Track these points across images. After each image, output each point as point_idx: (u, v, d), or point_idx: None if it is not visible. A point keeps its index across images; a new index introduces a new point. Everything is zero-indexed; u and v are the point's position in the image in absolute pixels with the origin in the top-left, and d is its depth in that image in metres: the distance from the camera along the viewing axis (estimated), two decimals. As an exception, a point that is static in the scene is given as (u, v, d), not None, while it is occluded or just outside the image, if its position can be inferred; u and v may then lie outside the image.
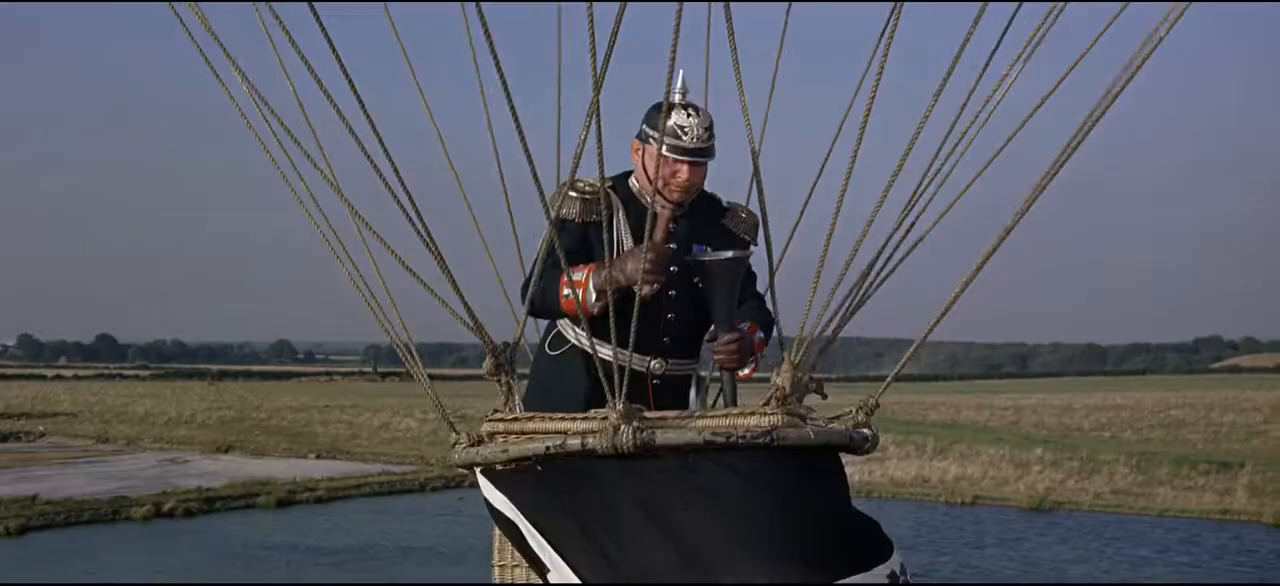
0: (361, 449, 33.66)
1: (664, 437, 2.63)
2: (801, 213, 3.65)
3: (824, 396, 2.98)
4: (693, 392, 3.62)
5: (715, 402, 3.81)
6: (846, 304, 2.82)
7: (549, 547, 2.77)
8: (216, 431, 38.43)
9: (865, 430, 2.84)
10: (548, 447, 2.70)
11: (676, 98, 3.36)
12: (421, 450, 32.58)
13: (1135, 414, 43.99)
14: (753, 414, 2.65)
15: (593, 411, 2.78)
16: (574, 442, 2.68)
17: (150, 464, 30.15)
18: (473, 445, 2.97)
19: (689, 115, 3.34)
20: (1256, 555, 19.19)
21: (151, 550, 19.15)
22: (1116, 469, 27.07)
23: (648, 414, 2.73)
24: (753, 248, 3.54)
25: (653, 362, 3.44)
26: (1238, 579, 17.60)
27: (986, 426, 39.75)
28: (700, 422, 2.65)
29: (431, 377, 3.36)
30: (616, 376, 2.68)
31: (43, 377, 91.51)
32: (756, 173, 3.48)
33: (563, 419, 2.79)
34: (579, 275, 3.24)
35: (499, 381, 3.02)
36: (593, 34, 2.36)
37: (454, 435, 3.04)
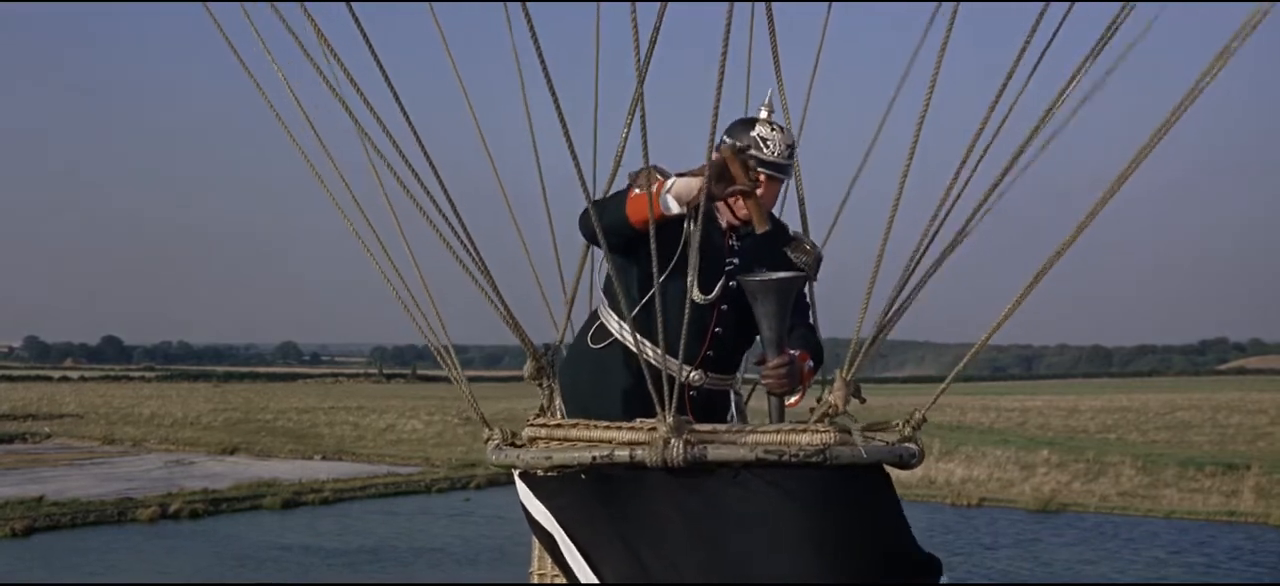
0: (367, 450, 33.67)
1: (716, 453, 2.57)
2: (837, 215, 3.65)
3: (862, 400, 2.95)
4: (733, 410, 3.50)
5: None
6: (893, 307, 2.81)
7: (582, 560, 2.71)
8: (222, 433, 38.47)
9: (912, 445, 2.81)
10: (594, 458, 2.63)
11: (763, 113, 3.33)
12: (427, 451, 32.57)
13: (1141, 415, 43.89)
14: (805, 431, 2.61)
15: (639, 421, 2.72)
16: (622, 454, 2.61)
17: (156, 465, 30.17)
18: (505, 445, 2.93)
19: (772, 129, 3.31)
20: (1272, 556, 19.13)
21: (157, 551, 19.16)
22: (1123, 470, 27.00)
23: (698, 427, 2.67)
24: (808, 275, 3.44)
25: (693, 373, 3.32)
26: (1253, 579, 17.54)
27: (992, 428, 39.70)
28: (752, 438, 2.59)
29: (436, 380, 3.34)
30: (666, 386, 2.63)
31: (49, 379, 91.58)
32: (797, 179, 3.45)
33: (608, 428, 2.70)
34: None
35: (540, 385, 2.95)
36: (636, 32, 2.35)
37: (487, 432, 3.00)
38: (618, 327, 3.32)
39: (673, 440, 2.57)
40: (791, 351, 3.14)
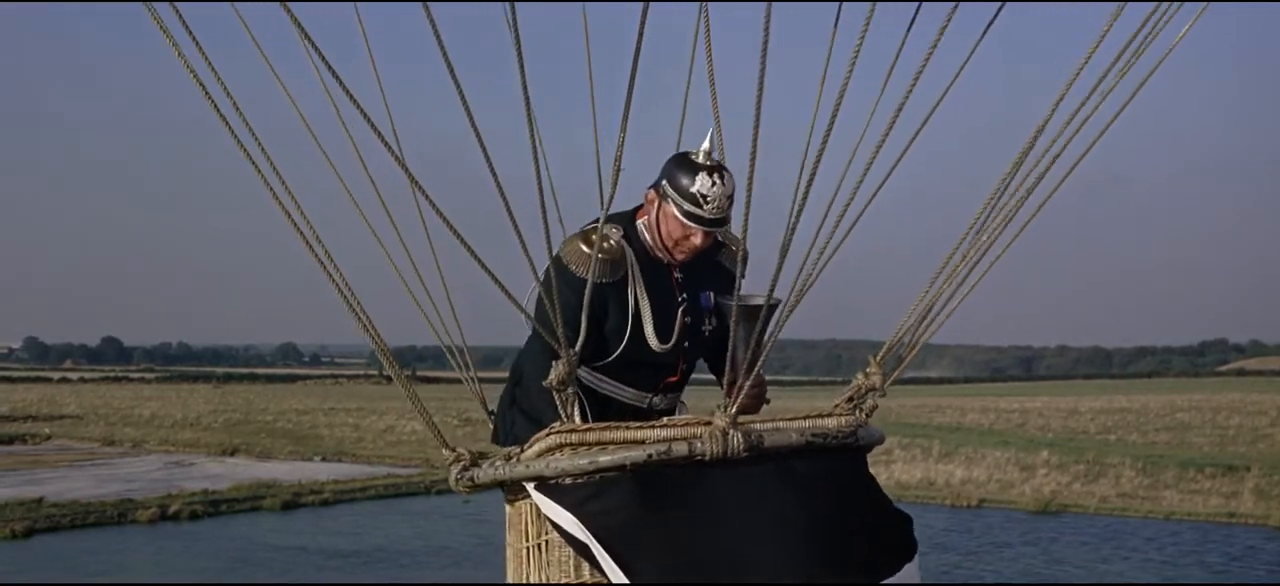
0: (366, 451, 33.69)
1: (772, 439, 2.66)
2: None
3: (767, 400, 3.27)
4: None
5: None
6: (930, 310, 2.90)
7: (614, 563, 2.66)
8: (222, 434, 38.48)
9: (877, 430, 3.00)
10: (650, 456, 2.61)
11: (701, 158, 3.18)
12: (426, 453, 32.54)
13: (1141, 416, 43.90)
14: (831, 415, 2.77)
15: (677, 416, 2.78)
16: (681, 448, 2.61)
17: (156, 466, 30.17)
18: (471, 466, 2.91)
19: (713, 182, 3.15)
20: (1271, 556, 19.13)
21: (157, 552, 19.16)
22: (1123, 472, 27.01)
23: (743, 418, 2.74)
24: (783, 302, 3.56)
25: (654, 399, 3.52)
26: (1256, 581, 17.54)
27: (992, 429, 39.70)
28: (796, 424, 2.72)
29: (436, 381, 3.31)
30: (732, 389, 2.78)
31: (49, 380, 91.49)
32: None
33: (645, 427, 2.69)
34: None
35: (564, 392, 2.83)
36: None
37: (447, 453, 2.92)
38: (588, 375, 3.35)
39: (731, 431, 2.61)
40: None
